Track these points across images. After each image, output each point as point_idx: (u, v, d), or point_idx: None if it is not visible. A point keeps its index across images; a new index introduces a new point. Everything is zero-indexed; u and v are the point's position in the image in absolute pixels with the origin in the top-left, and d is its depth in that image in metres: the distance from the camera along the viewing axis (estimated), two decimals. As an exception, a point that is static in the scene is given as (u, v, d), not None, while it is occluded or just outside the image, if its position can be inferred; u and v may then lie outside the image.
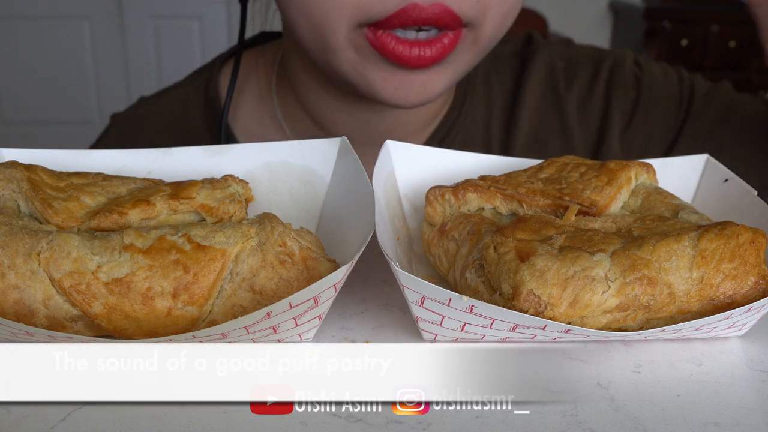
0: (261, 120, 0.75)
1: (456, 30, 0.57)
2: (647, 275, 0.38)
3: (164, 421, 0.35)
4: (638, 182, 0.48)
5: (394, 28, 0.56)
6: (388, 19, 0.55)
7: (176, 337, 0.37)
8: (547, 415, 0.35)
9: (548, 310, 0.37)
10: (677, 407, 0.36)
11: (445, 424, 0.35)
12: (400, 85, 0.59)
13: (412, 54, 0.56)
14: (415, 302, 0.38)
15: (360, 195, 0.44)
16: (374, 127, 0.70)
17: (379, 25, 0.56)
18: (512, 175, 0.49)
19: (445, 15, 0.55)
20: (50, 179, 0.44)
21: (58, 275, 0.37)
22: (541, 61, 0.76)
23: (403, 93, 0.59)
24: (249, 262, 0.39)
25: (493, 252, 0.40)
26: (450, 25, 0.56)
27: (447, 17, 0.56)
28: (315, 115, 0.72)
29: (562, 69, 0.76)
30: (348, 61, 0.59)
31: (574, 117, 0.75)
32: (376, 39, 0.57)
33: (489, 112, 0.76)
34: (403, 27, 0.56)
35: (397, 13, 0.55)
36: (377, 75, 0.59)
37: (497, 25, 0.60)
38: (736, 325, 0.41)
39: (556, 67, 0.77)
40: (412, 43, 0.56)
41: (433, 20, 0.55)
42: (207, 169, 0.50)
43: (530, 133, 0.75)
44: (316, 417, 0.35)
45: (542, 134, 0.75)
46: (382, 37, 0.56)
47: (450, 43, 0.57)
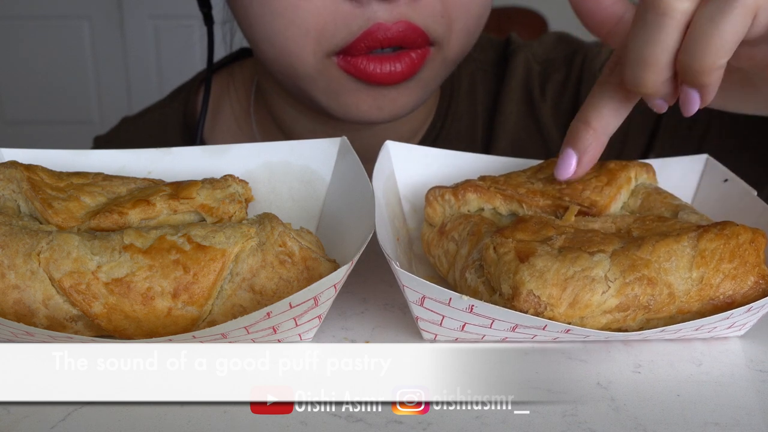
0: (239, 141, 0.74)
1: (423, 47, 0.57)
2: (647, 275, 0.38)
3: (164, 421, 0.35)
4: (638, 182, 0.48)
5: (362, 53, 0.56)
6: (355, 43, 0.55)
7: (176, 337, 0.37)
8: (547, 415, 0.35)
9: (548, 310, 0.37)
10: (677, 407, 0.36)
11: (445, 424, 0.35)
12: (373, 102, 0.59)
13: (383, 70, 0.56)
14: (415, 302, 0.38)
15: (360, 195, 0.44)
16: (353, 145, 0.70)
17: (348, 52, 0.56)
18: (512, 175, 0.49)
19: (410, 32, 0.55)
20: (50, 179, 0.44)
21: (58, 275, 0.37)
22: (517, 66, 0.75)
23: (376, 109, 0.60)
24: (249, 262, 0.39)
25: (493, 252, 0.40)
26: (417, 42, 0.56)
27: (413, 34, 0.55)
28: (291, 136, 0.72)
29: (538, 73, 0.75)
30: (320, 90, 0.60)
31: (550, 122, 0.74)
32: (348, 65, 0.57)
33: (473, 123, 0.75)
34: (370, 50, 0.56)
35: (363, 36, 0.55)
36: (350, 97, 0.59)
37: (464, 39, 0.60)
38: (736, 325, 0.41)
39: (532, 70, 0.75)
40: (383, 58, 0.56)
41: (399, 39, 0.55)
42: (207, 169, 0.50)
43: (511, 139, 0.74)
44: (316, 417, 0.35)
45: (522, 141, 0.74)
46: (353, 62, 0.56)
47: (419, 58, 0.57)
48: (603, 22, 0.44)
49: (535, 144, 0.74)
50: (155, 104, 0.81)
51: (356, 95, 0.59)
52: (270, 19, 0.57)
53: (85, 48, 2.58)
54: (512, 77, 0.75)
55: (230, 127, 0.76)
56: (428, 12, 0.56)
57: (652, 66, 0.38)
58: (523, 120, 0.75)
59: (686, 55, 0.38)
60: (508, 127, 0.74)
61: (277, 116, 0.72)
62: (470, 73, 0.77)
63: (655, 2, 0.38)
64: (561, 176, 0.44)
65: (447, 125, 0.74)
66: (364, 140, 0.68)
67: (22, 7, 2.53)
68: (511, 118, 0.74)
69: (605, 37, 0.44)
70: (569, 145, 0.44)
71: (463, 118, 0.75)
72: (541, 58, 0.76)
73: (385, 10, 0.54)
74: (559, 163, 0.44)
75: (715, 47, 0.37)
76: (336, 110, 0.61)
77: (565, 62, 0.76)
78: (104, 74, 2.60)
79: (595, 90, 0.43)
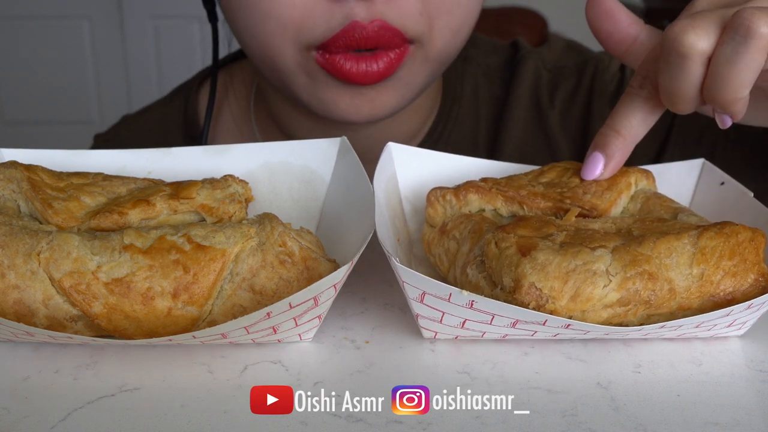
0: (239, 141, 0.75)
1: (401, 45, 0.57)
2: (648, 270, 0.38)
3: (164, 421, 0.35)
4: (638, 188, 0.48)
5: (339, 51, 0.56)
6: (333, 40, 0.55)
7: (176, 337, 0.37)
8: (547, 415, 0.35)
9: (549, 303, 0.37)
10: (677, 407, 0.36)
11: (445, 424, 0.35)
12: (350, 100, 0.59)
13: (359, 69, 0.56)
14: (415, 299, 0.38)
15: (360, 195, 0.44)
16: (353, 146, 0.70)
17: (326, 47, 0.56)
18: (514, 178, 0.49)
19: (386, 32, 0.55)
20: (50, 179, 0.44)
21: (58, 275, 0.37)
22: (526, 72, 0.75)
23: (354, 108, 0.60)
24: (249, 262, 0.39)
25: (495, 247, 0.40)
26: (393, 42, 0.56)
27: (388, 34, 0.55)
28: (290, 135, 0.72)
29: (547, 80, 0.75)
30: (300, 85, 0.60)
31: (557, 129, 0.74)
32: (325, 61, 0.57)
33: (476, 127, 0.75)
34: (348, 49, 0.56)
35: (341, 33, 0.55)
36: (329, 95, 0.59)
37: (448, 39, 0.60)
38: (736, 323, 0.41)
39: (541, 77, 0.75)
40: (359, 57, 0.56)
41: (375, 39, 0.55)
42: (207, 169, 0.50)
43: (517, 145, 0.74)
44: (316, 417, 0.35)
45: (527, 146, 0.74)
46: (331, 59, 0.57)
47: (397, 57, 0.57)
48: (620, 42, 0.47)
49: (541, 151, 0.74)
50: (155, 103, 0.81)
51: (335, 93, 0.59)
52: (249, 12, 0.58)
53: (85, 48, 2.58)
54: (521, 83, 0.75)
55: (230, 127, 0.76)
56: (406, 11, 0.56)
57: (681, 98, 0.42)
58: (530, 126, 0.75)
59: (708, 92, 0.41)
60: (514, 132, 0.74)
61: (277, 117, 0.72)
62: (473, 77, 0.76)
63: (676, 45, 0.40)
64: (587, 177, 0.48)
65: (449, 127, 0.74)
66: (364, 141, 0.68)
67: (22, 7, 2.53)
68: (518, 123, 0.74)
69: (622, 56, 0.47)
70: (598, 149, 0.47)
71: (465, 121, 0.75)
72: (550, 65, 0.76)
73: (362, 8, 0.55)
74: (587, 164, 0.48)
75: (734, 85, 0.40)
76: (317, 107, 0.61)
77: (575, 71, 0.76)
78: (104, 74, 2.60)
79: (625, 100, 0.46)
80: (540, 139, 0.74)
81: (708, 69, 0.40)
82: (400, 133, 0.71)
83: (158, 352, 0.40)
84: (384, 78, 0.58)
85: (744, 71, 0.39)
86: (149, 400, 0.36)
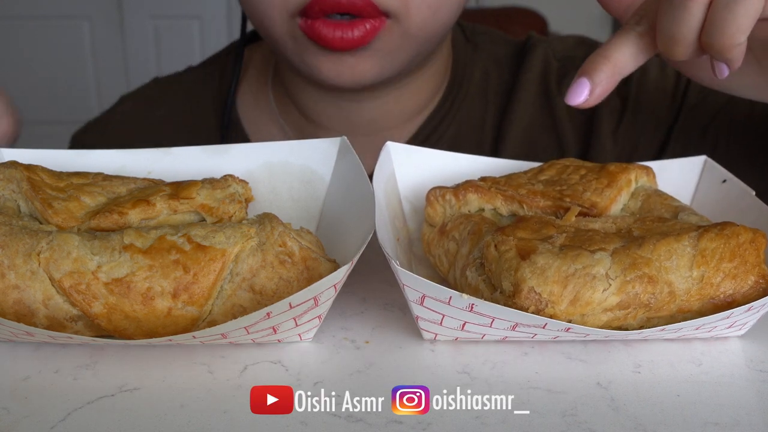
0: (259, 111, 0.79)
1: (377, 17, 0.61)
2: (648, 273, 0.38)
3: (164, 421, 0.35)
4: (638, 185, 0.48)
5: (318, 16, 0.60)
6: (311, 5, 0.60)
7: (176, 337, 0.37)
8: (547, 415, 0.35)
9: (549, 307, 0.37)
10: (677, 407, 0.36)
11: (445, 424, 0.35)
12: (333, 66, 0.63)
13: (335, 36, 0.60)
14: (415, 301, 0.38)
15: (360, 195, 0.44)
16: (356, 117, 0.73)
17: (306, 14, 0.61)
18: (513, 176, 0.49)
19: (359, 1, 0.59)
20: (50, 179, 0.44)
21: (58, 275, 0.37)
22: (536, 58, 0.76)
23: (336, 73, 0.64)
24: (249, 262, 0.39)
25: (494, 250, 0.40)
26: (366, 11, 0.60)
27: (361, 3, 0.59)
28: (301, 107, 0.75)
29: (556, 68, 0.76)
30: (289, 50, 0.65)
31: (564, 117, 0.75)
32: (307, 27, 0.61)
33: (484, 107, 0.77)
34: (323, 13, 0.60)
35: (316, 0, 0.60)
36: (313, 59, 0.64)
37: (426, 16, 0.63)
38: (736, 325, 0.41)
39: (550, 65, 0.77)
40: (335, 24, 0.60)
41: (347, 5, 0.59)
42: (207, 169, 0.50)
43: (523, 129, 0.75)
44: (316, 417, 0.35)
45: (534, 131, 0.75)
46: (312, 24, 0.61)
47: (372, 28, 0.61)
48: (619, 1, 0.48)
49: (547, 137, 0.75)
50: (187, 69, 0.86)
51: (317, 58, 0.63)
52: None
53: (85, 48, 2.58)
54: (530, 69, 0.76)
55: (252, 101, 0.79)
56: None
57: (679, 41, 0.43)
58: (537, 111, 0.76)
59: (707, 36, 0.42)
60: (521, 115, 0.75)
61: (289, 88, 0.76)
62: (484, 63, 0.78)
63: None
64: (571, 101, 0.46)
65: (456, 105, 0.76)
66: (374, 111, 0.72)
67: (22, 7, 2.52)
68: (525, 108, 0.75)
69: (621, 16, 0.48)
70: (585, 74, 0.46)
71: (474, 101, 0.76)
72: (560, 54, 0.78)
73: None
74: (572, 89, 0.46)
75: (732, 30, 0.41)
76: (305, 72, 0.66)
77: None
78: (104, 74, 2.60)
79: (621, 33, 0.47)
80: (546, 125, 0.75)
81: (707, 14, 0.41)
82: (402, 108, 0.74)
83: (158, 352, 0.40)
84: (359, 45, 0.61)
85: (742, 15, 0.40)
86: (149, 400, 0.36)
